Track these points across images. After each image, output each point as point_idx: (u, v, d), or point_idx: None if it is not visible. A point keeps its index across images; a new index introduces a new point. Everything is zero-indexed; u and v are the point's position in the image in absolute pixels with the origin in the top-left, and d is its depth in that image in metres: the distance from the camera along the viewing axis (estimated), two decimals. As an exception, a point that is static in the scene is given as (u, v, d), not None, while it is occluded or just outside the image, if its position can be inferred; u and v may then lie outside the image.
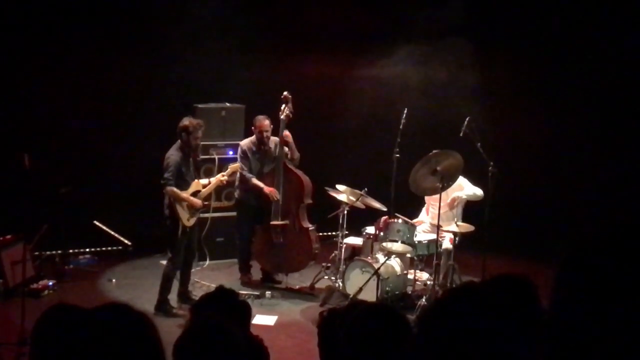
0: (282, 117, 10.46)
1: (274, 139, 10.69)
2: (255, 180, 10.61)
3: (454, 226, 9.74)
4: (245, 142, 10.79)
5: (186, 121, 9.59)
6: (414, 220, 10.38)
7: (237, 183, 10.90)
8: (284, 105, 10.47)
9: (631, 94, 11.91)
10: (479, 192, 10.17)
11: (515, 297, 2.62)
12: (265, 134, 10.58)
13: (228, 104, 11.81)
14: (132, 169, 11.59)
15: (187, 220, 9.64)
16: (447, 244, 10.04)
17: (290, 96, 10.48)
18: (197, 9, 12.06)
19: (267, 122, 10.58)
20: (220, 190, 11.21)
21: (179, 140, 9.61)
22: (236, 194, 11.02)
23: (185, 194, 9.59)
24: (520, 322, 2.28)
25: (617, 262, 1.80)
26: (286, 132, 10.48)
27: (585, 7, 12.00)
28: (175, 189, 9.49)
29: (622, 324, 1.75)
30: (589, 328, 1.80)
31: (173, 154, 9.54)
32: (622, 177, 11.63)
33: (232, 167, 10.45)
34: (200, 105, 11.50)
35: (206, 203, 9.99)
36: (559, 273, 1.88)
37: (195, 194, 9.74)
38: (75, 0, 11.51)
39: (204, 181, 10.07)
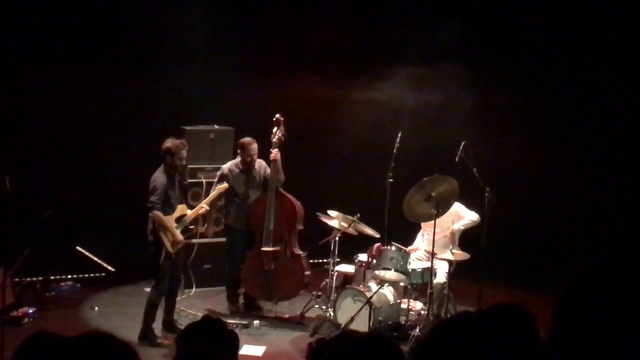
0: (274, 140, 10.29)
1: (260, 162, 10.48)
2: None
3: (449, 254, 9.56)
4: (227, 165, 10.64)
5: (169, 142, 9.44)
6: (410, 248, 10.20)
7: (225, 208, 10.69)
8: (275, 128, 10.30)
9: (631, 117, 11.78)
10: (475, 217, 10.00)
11: (512, 328, 2.52)
12: (252, 157, 10.44)
13: (217, 126, 11.64)
14: (116, 194, 11.48)
15: (172, 245, 9.40)
16: (440, 277, 9.80)
17: (282, 119, 10.32)
18: (185, 29, 11.95)
19: (254, 145, 10.44)
20: (204, 214, 10.93)
21: (163, 163, 9.42)
22: (225, 219, 10.78)
23: (170, 223, 9.41)
24: (517, 355, 2.23)
25: (619, 292, 1.78)
26: (274, 152, 10.26)
27: (584, 30, 11.90)
28: (161, 215, 9.30)
29: (623, 356, 1.73)
30: None
31: (159, 177, 9.38)
32: (623, 204, 11.49)
33: (219, 188, 10.24)
34: (188, 128, 11.34)
35: (192, 227, 9.76)
36: (559, 304, 1.85)
37: (180, 218, 9.54)
38: (59, 19, 11.32)
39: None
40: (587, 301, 1.80)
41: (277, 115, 10.35)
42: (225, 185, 10.31)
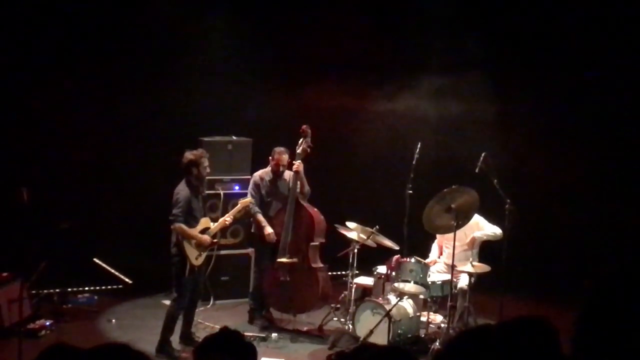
0: (298, 151, 10.18)
1: (290, 173, 10.42)
2: (260, 217, 10.40)
3: (470, 266, 9.44)
4: (258, 173, 10.61)
5: (189, 155, 9.41)
6: (428, 260, 10.09)
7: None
8: (301, 139, 10.19)
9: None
10: (498, 231, 9.92)
11: (534, 341, 2.47)
12: (281, 168, 10.39)
13: (235, 137, 11.57)
14: (134, 205, 11.44)
15: (195, 259, 9.38)
16: (462, 283, 9.72)
17: (309, 130, 10.20)
18: (204, 40, 11.92)
19: (285, 156, 10.37)
20: (225, 227, 10.89)
21: (187, 176, 9.36)
22: (253, 228, 10.71)
23: (193, 232, 9.31)
24: None
25: (639, 305, 1.79)
26: (297, 164, 10.18)
27: (604, 41, 11.79)
28: (183, 226, 9.26)
29: None
30: None
31: (183, 189, 9.35)
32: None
33: (243, 202, 10.13)
34: (205, 139, 11.27)
35: (215, 240, 9.70)
36: (580, 317, 1.91)
37: (204, 231, 9.48)
38: (79, 31, 11.31)
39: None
40: (607, 312, 1.83)
41: (304, 127, 10.24)
42: (249, 199, 10.23)
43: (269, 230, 10.29)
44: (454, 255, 9.38)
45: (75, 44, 11.26)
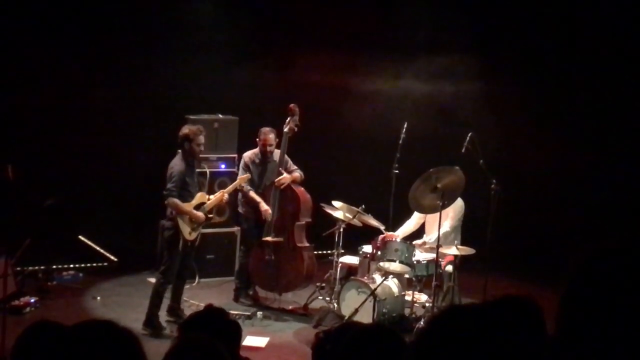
0: (285, 130, 10.16)
1: (277, 152, 10.39)
2: (253, 194, 10.36)
3: (454, 249, 9.44)
4: (248, 154, 10.55)
5: (185, 129, 9.42)
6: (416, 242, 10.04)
7: (240, 197, 10.56)
8: (289, 118, 10.17)
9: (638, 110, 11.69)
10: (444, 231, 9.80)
11: (518, 319, 2.42)
12: (268, 148, 10.32)
13: (221, 116, 11.53)
14: (120, 182, 11.40)
15: (189, 234, 9.37)
16: (448, 267, 9.74)
17: (297, 109, 10.18)
18: (190, 17, 11.85)
19: (271, 135, 10.30)
20: (222, 202, 10.84)
21: (181, 150, 9.39)
22: (240, 208, 10.69)
23: (187, 207, 9.30)
24: (522, 346, 2.17)
25: (622, 282, 1.77)
26: (284, 178, 10.17)
27: (592, 25, 11.80)
28: (177, 201, 9.24)
29: (630, 346, 1.72)
30: (597, 353, 1.76)
31: (177, 164, 9.36)
32: (631, 195, 11.40)
33: (241, 178, 10.14)
34: (192, 117, 11.18)
35: (211, 216, 9.69)
36: (564, 295, 1.84)
37: (199, 206, 9.46)
38: (66, 6, 11.22)
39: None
40: (591, 291, 1.79)
41: (292, 105, 10.22)
42: (247, 175, 10.22)
43: (265, 206, 10.27)
44: (439, 234, 9.38)
45: (61, 20, 11.18)
